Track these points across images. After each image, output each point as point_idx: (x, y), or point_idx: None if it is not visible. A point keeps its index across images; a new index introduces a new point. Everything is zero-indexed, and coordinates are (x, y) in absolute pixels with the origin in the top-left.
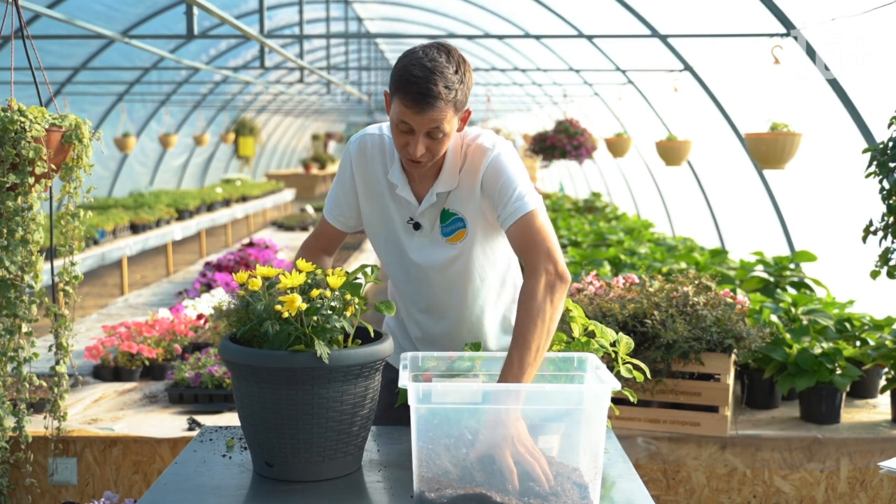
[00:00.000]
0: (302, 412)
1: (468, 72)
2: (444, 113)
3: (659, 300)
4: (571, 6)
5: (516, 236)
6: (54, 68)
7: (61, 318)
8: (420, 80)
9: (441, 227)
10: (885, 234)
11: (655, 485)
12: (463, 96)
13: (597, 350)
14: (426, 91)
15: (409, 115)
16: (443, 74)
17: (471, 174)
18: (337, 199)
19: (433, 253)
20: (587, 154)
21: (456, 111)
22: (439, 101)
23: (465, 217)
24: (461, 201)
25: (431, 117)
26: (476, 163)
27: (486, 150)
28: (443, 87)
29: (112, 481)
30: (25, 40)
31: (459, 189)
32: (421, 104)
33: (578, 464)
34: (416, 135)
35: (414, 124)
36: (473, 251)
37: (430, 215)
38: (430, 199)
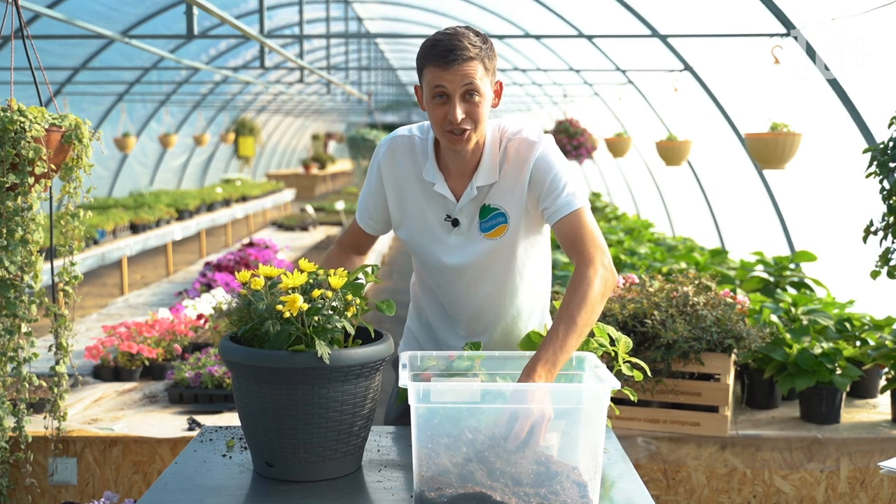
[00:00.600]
0: (302, 412)
1: (490, 43)
2: (473, 67)
3: (659, 300)
4: (571, 6)
5: (567, 230)
6: (54, 68)
7: (61, 318)
8: (444, 40)
9: (480, 223)
10: (886, 234)
11: (655, 485)
12: (489, 55)
13: (596, 349)
14: (453, 47)
15: (440, 75)
16: (466, 35)
17: (517, 167)
18: (366, 204)
19: (471, 250)
20: (587, 154)
21: (486, 70)
22: (467, 53)
23: (506, 212)
24: (503, 195)
25: (463, 71)
26: (524, 155)
27: (533, 143)
28: (468, 43)
29: (112, 481)
30: (25, 40)
31: (502, 182)
32: (450, 58)
33: (577, 462)
34: (452, 98)
35: (448, 85)
36: (515, 247)
37: (468, 211)
38: (471, 194)
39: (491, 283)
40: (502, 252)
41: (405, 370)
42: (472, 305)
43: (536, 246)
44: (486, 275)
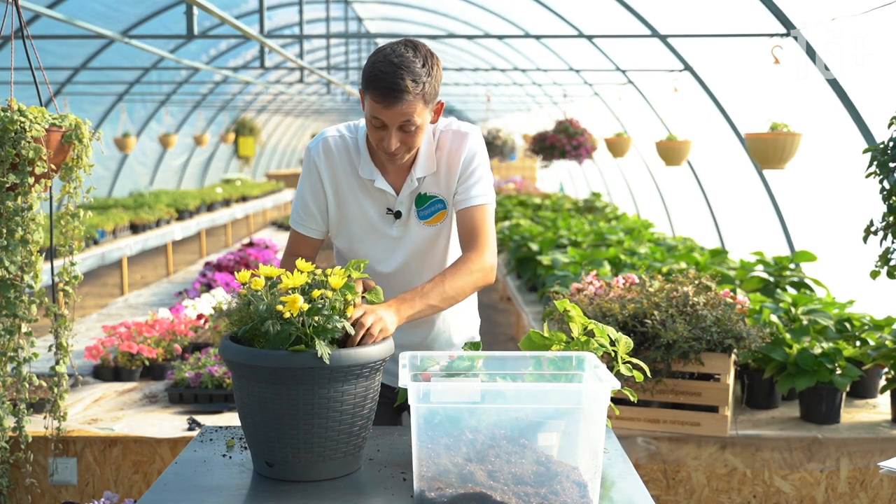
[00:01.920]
0: (302, 412)
1: (436, 66)
2: (413, 106)
3: (659, 300)
4: (571, 6)
5: (469, 220)
6: (54, 68)
7: (61, 318)
8: (387, 75)
9: (417, 211)
10: (886, 234)
11: (655, 485)
12: (431, 89)
13: (596, 349)
14: (393, 85)
15: (379, 110)
16: (409, 69)
17: (451, 156)
18: (307, 208)
19: (413, 238)
20: (587, 154)
21: (426, 104)
22: (407, 94)
23: (444, 198)
24: (438, 183)
25: (401, 111)
26: (457, 146)
27: (465, 135)
28: (410, 80)
29: (112, 481)
30: (25, 40)
31: (439, 172)
32: (389, 98)
33: (577, 462)
34: (390, 129)
35: (385, 119)
36: (450, 230)
37: (407, 202)
38: (411, 185)
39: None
40: (442, 236)
41: (405, 370)
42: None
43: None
44: (428, 259)
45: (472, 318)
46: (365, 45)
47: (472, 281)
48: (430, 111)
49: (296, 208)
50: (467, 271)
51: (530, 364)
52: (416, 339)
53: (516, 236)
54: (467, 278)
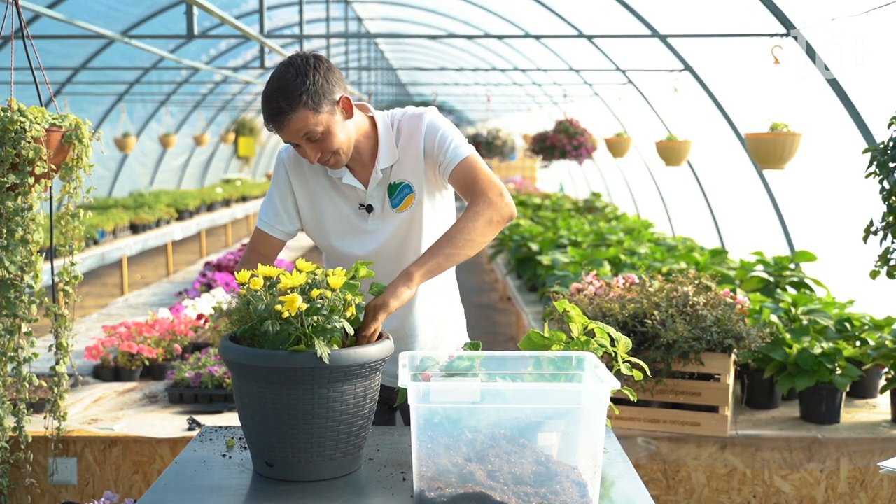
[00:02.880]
0: (302, 412)
1: (316, 70)
2: (300, 120)
3: (659, 300)
4: (571, 6)
5: (460, 178)
6: (54, 68)
7: (61, 318)
8: (268, 103)
9: (390, 201)
10: (886, 234)
11: (655, 485)
12: (315, 94)
13: (596, 349)
14: (274, 112)
15: (282, 135)
16: (284, 89)
17: (410, 139)
18: (275, 209)
19: (389, 228)
20: (587, 154)
21: (315, 110)
22: (287, 114)
23: (411, 182)
24: (404, 169)
25: (292, 129)
26: (414, 128)
27: (420, 115)
28: (283, 101)
29: (112, 481)
30: (25, 40)
31: (402, 159)
32: (276, 123)
33: (577, 462)
34: (301, 147)
35: (288, 140)
36: (424, 212)
37: (378, 194)
38: (377, 177)
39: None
40: (415, 220)
41: (405, 370)
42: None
43: (440, 209)
44: (405, 245)
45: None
46: (365, 45)
47: (485, 218)
48: (330, 112)
49: (264, 209)
50: (473, 213)
51: (530, 364)
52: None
53: (516, 236)
54: (477, 218)
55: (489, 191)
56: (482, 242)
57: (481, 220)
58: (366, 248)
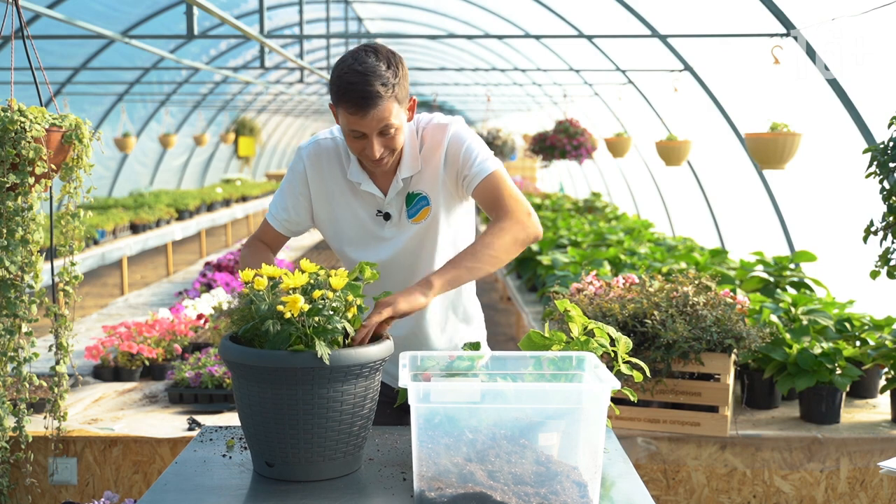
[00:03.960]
0: (302, 412)
1: (401, 64)
2: (388, 109)
3: (659, 300)
4: (571, 6)
5: (485, 194)
6: (54, 68)
7: (61, 318)
8: (357, 84)
9: (407, 211)
10: (886, 234)
11: (655, 485)
12: (402, 88)
13: (596, 349)
14: (365, 94)
15: (355, 121)
16: (376, 73)
17: (433, 151)
18: (285, 205)
19: (403, 238)
20: (587, 154)
21: (399, 104)
22: (380, 99)
23: (427, 194)
24: (424, 180)
25: (378, 117)
26: (438, 139)
27: (445, 126)
28: (380, 85)
29: (112, 481)
30: (25, 40)
31: (423, 169)
32: (364, 107)
33: (577, 462)
34: (370, 138)
35: (363, 128)
36: (439, 224)
37: (397, 203)
38: (397, 187)
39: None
40: (429, 232)
41: (405, 370)
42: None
43: (458, 218)
44: (418, 256)
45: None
46: None
47: (511, 236)
48: (405, 110)
49: (274, 202)
50: (499, 230)
51: (530, 364)
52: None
53: None
54: (503, 235)
55: (517, 209)
56: (505, 260)
57: (507, 237)
58: (379, 256)
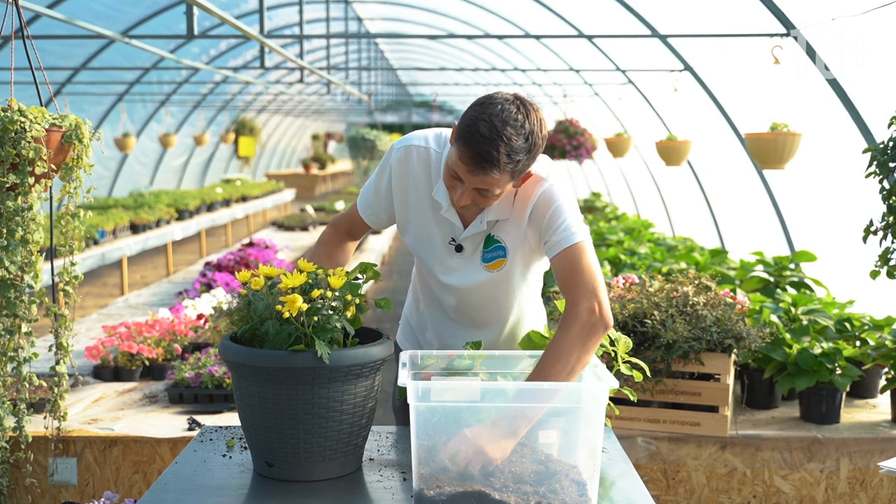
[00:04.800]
0: (302, 412)
1: (540, 138)
2: (498, 180)
3: (659, 300)
4: (571, 6)
5: (561, 266)
6: (54, 68)
7: (61, 318)
8: (484, 140)
9: (483, 253)
10: (886, 234)
11: (655, 485)
12: (525, 166)
13: (596, 349)
14: (486, 155)
15: (462, 169)
16: (509, 141)
17: (522, 202)
18: (369, 199)
19: (470, 276)
20: (587, 154)
21: (512, 178)
22: (495, 168)
23: (506, 245)
24: (508, 229)
25: (484, 181)
26: (529, 191)
27: (540, 180)
28: (505, 155)
29: (112, 481)
30: (25, 40)
31: (510, 218)
32: (476, 167)
33: (577, 461)
34: (466, 187)
35: (465, 179)
36: (512, 277)
37: (474, 240)
38: (479, 227)
39: (489, 306)
40: (500, 282)
41: (405, 369)
42: (469, 318)
43: (534, 272)
44: (484, 298)
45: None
46: (365, 45)
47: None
48: (514, 182)
49: (364, 192)
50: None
51: (530, 363)
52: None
53: None
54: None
55: (583, 300)
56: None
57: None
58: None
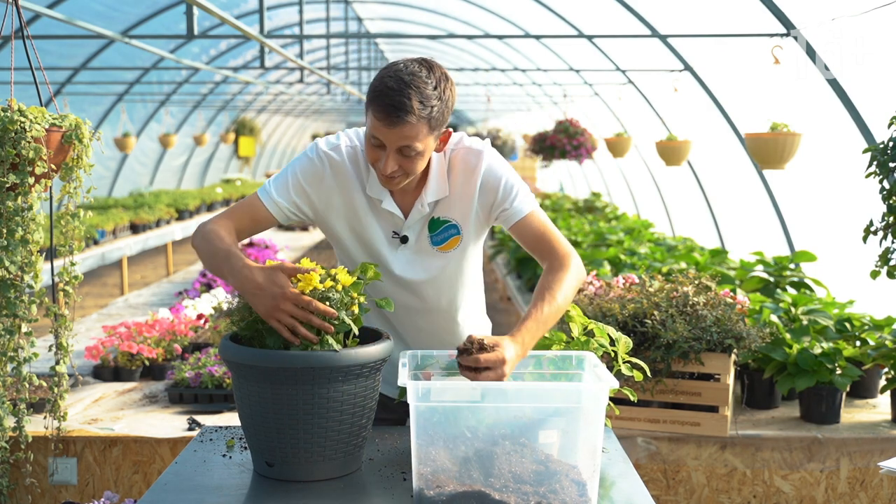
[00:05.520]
0: (302, 412)
1: (450, 89)
2: (416, 129)
3: (659, 300)
4: (571, 6)
5: (527, 232)
6: (54, 68)
7: (61, 318)
8: (394, 92)
9: (431, 237)
10: (886, 234)
11: (655, 485)
12: (440, 114)
13: (596, 349)
14: (398, 104)
15: (379, 128)
16: (419, 88)
17: (466, 176)
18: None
19: (422, 264)
20: (587, 154)
21: (431, 129)
22: (411, 115)
23: (458, 223)
24: (453, 206)
25: (402, 133)
26: (472, 165)
27: (480, 152)
28: (417, 101)
29: (112, 481)
30: (25, 40)
31: (453, 196)
32: (392, 118)
33: (577, 461)
34: (388, 150)
35: (384, 139)
36: (466, 253)
37: (417, 227)
38: (421, 210)
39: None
40: (454, 261)
41: (405, 368)
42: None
43: (478, 249)
44: (437, 285)
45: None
46: (365, 46)
47: (576, 286)
48: (436, 139)
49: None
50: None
51: (530, 363)
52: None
53: None
54: (572, 285)
55: (572, 255)
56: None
57: (575, 291)
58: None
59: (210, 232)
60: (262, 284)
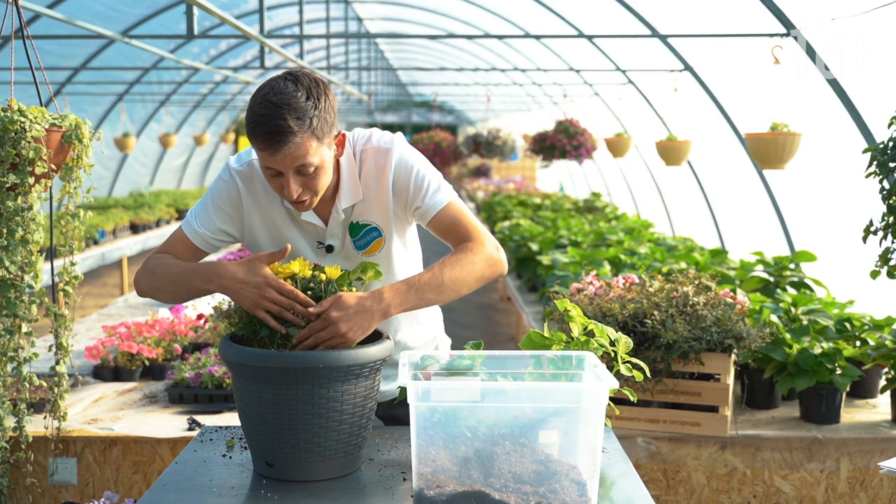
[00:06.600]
0: (302, 412)
1: (325, 95)
2: (303, 147)
3: (659, 300)
4: (571, 6)
5: (444, 225)
6: (54, 68)
7: (61, 318)
8: (267, 117)
9: (353, 242)
10: (886, 234)
11: (655, 485)
12: (323, 122)
13: (596, 349)
14: (276, 128)
15: (268, 157)
16: (290, 105)
17: (377, 177)
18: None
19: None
20: (587, 154)
21: (319, 140)
22: (291, 135)
23: (378, 225)
24: (370, 209)
25: (291, 154)
26: (381, 164)
27: (388, 150)
28: (293, 119)
29: (112, 481)
30: (25, 40)
31: (367, 198)
32: (273, 144)
33: (577, 461)
34: (286, 176)
35: (278, 166)
36: (392, 254)
37: (339, 233)
38: (338, 217)
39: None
40: (385, 264)
41: (405, 368)
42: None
43: (409, 244)
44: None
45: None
46: (365, 45)
47: (477, 271)
48: (329, 146)
49: (198, 216)
50: (469, 261)
51: (530, 363)
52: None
53: (516, 236)
54: (470, 268)
55: (486, 244)
56: (464, 295)
57: (475, 276)
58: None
59: (156, 265)
60: (243, 278)
